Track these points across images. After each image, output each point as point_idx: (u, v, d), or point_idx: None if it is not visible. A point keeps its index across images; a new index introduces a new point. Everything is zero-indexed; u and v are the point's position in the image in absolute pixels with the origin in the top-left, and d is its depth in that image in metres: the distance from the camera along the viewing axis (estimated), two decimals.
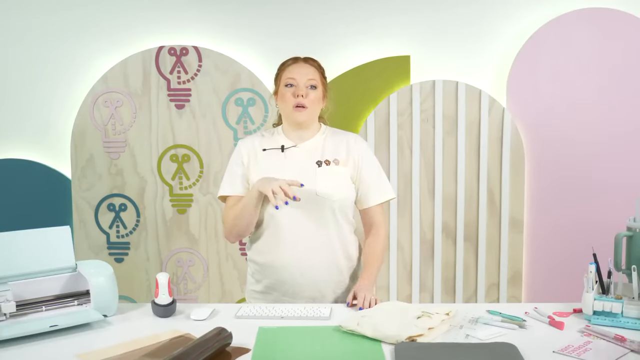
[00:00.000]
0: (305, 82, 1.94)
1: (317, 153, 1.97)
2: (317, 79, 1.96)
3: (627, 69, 2.96)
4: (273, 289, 1.97)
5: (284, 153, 1.98)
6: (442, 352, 1.46)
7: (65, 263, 1.79)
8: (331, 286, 1.96)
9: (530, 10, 3.01)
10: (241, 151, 2.01)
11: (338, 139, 2.02)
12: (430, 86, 3.03)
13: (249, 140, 2.04)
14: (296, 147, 1.98)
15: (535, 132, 3.04)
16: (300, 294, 1.94)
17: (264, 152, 1.99)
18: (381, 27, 3.06)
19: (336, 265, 1.96)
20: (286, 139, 2.00)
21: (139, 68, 3.08)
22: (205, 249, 3.16)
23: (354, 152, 2.00)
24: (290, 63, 1.99)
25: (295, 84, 1.93)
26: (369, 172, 2.00)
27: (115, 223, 3.17)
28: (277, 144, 2.00)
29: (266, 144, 2.01)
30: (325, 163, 1.96)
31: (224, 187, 2.00)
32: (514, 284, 3.10)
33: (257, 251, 1.99)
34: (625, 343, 1.51)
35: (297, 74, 1.94)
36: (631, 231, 1.72)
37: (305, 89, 1.93)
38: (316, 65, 2.00)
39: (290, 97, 1.93)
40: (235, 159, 2.01)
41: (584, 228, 3.02)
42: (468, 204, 3.07)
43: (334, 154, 1.98)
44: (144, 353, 1.50)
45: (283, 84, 1.96)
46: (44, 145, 3.17)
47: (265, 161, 1.98)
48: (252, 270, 2.03)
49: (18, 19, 3.11)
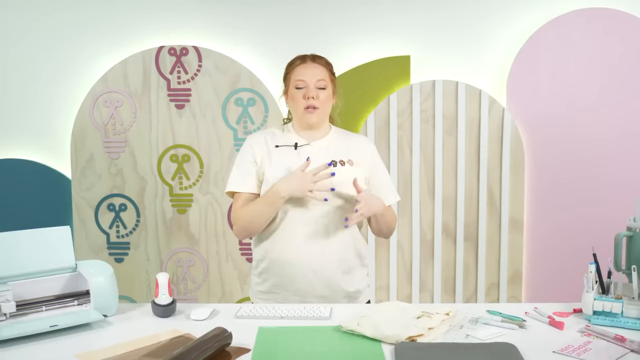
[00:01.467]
0: (314, 83, 1.93)
1: (330, 152, 1.98)
2: (326, 78, 1.96)
3: (627, 68, 2.96)
4: (282, 287, 1.95)
5: (297, 150, 1.97)
6: (442, 352, 1.46)
7: (65, 263, 1.79)
8: (342, 285, 1.96)
9: (530, 10, 3.01)
10: (253, 148, 1.98)
11: (349, 141, 2.03)
12: (430, 86, 3.03)
13: (260, 136, 2.02)
14: (309, 145, 1.98)
15: (535, 132, 3.04)
16: (312, 293, 1.93)
17: (276, 149, 1.98)
18: (381, 27, 3.06)
19: (347, 264, 1.96)
20: (298, 137, 2.00)
21: (139, 68, 3.08)
22: (205, 249, 3.16)
23: (367, 155, 2.01)
24: (298, 63, 1.98)
25: (304, 85, 1.94)
26: (382, 175, 2.03)
27: (115, 223, 3.17)
28: (290, 141, 1.99)
29: (278, 140, 2.00)
30: (340, 163, 1.96)
31: (236, 184, 1.97)
32: (514, 284, 3.10)
33: (267, 249, 1.97)
34: (625, 343, 1.51)
35: (307, 75, 1.94)
36: (631, 231, 1.72)
37: (315, 90, 1.93)
38: (324, 63, 1.99)
39: (300, 99, 1.94)
40: (247, 156, 1.98)
41: (584, 228, 3.03)
42: (468, 204, 3.07)
43: (347, 155, 1.98)
44: (144, 353, 1.50)
45: (293, 85, 1.96)
46: (44, 145, 3.17)
47: (278, 158, 1.96)
48: (260, 270, 2.00)
49: (18, 19, 3.11)
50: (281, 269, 1.94)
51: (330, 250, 1.92)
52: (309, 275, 1.92)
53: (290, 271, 1.93)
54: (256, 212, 1.90)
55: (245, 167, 1.97)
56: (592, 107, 3.00)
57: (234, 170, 1.99)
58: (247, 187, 1.96)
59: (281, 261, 1.94)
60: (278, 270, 1.95)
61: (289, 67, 2.00)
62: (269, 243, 1.96)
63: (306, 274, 1.92)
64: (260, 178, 1.97)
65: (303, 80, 1.94)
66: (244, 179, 1.96)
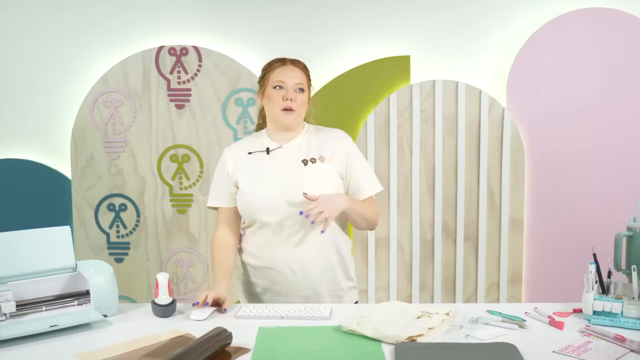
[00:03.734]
0: (293, 85, 1.95)
1: (302, 152, 1.98)
2: (304, 82, 1.98)
3: (627, 68, 2.96)
4: (267, 289, 1.98)
5: (269, 155, 1.99)
6: (442, 352, 1.46)
7: (65, 263, 1.79)
8: (324, 284, 1.96)
9: (530, 10, 3.01)
10: (226, 161, 2.02)
11: (322, 136, 2.02)
12: (430, 86, 3.03)
13: (233, 146, 2.06)
14: (281, 147, 1.99)
15: (535, 132, 3.04)
16: (294, 293, 1.95)
17: (249, 155, 2.00)
18: (381, 27, 3.06)
19: (328, 262, 1.96)
20: (270, 141, 2.01)
21: (139, 68, 3.08)
22: (205, 249, 3.16)
23: (340, 148, 2.00)
24: (278, 65, 1.99)
25: (284, 86, 1.95)
26: (359, 166, 2.01)
27: (115, 223, 3.17)
28: (262, 146, 2.01)
29: (251, 147, 2.02)
30: (311, 161, 1.96)
31: (212, 198, 2.04)
32: (514, 284, 3.10)
33: (249, 254, 2.01)
34: (625, 343, 1.51)
35: (286, 77, 1.95)
36: (631, 231, 1.72)
37: (293, 92, 1.94)
38: (303, 68, 2.01)
39: (278, 100, 1.94)
40: (221, 170, 2.03)
41: (584, 228, 3.02)
42: (468, 204, 3.07)
43: (318, 151, 1.98)
44: (144, 353, 1.50)
45: (271, 85, 1.97)
46: (44, 145, 3.17)
47: (250, 164, 1.99)
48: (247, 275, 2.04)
49: (18, 19, 3.11)
50: (263, 273, 1.97)
51: (307, 250, 1.93)
52: (289, 277, 1.93)
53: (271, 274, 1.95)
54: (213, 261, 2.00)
55: (218, 182, 2.03)
56: (592, 107, 3.00)
57: (212, 186, 2.05)
58: (221, 201, 2.02)
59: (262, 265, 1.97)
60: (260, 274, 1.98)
61: (268, 68, 2.01)
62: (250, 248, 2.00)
63: (286, 275, 1.93)
64: (235, 189, 2.00)
65: (282, 81, 1.95)
66: (218, 194, 2.03)
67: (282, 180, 1.93)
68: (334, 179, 1.96)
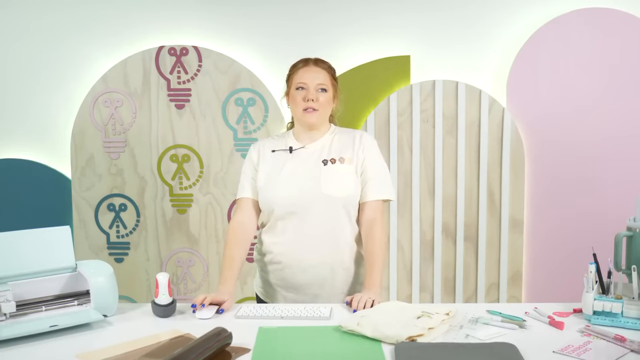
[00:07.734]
0: (315, 86, 1.96)
1: (324, 152, 2.00)
2: (327, 82, 1.99)
3: (627, 68, 2.96)
4: (280, 285, 2.01)
5: (291, 154, 2.01)
6: (442, 352, 1.46)
7: (65, 263, 1.79)
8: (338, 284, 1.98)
9: (530, 10, 3.01)
10: (251, 155, 2.06)
11: (345, 137, 2.04)
12: (430, 86, 3.03)
13: (260, 142, 2.09)
14: (304, 147, 2.01)
15: (535, 132, 3.04)
16: (306, 290, 1.97)
17: (272, 153, 2.03)
18: (381, 27, 3.06)
19: (341, 262, 1.97)
20: (295, 141, 2.04)
21: (139, 68, 3.08)
22: (205, 249, 3.16)
23: (359, 148, 2.01)
24: (301, 66, 2.01)
25: (305, 87, 1.97)
26: (371, 166, 2.01)
27: (115, 223, 3.17)
28: (286, 145, 2.04)
29: (275, 145, 2.05)
30: (331, 161, 1.97)
31: (241, 190, 2.06)
32: (514, 284, 3.10)
33: (263, 251, 2.02)
34: (625, 343, 1.51)
35: (308, 78, 1.97)
36: (631, 231, 1.72)
37: (315, 92, 1.96)
38: (326, 68, 2.02)
39: (300, 101, 1.97)
40: (247, 163, 2.06)
41: (584, 228, 3.02)
42: (468, 204, 3.07)
43: (339, 152, 1.99)
44: (144, 353, 1.50)
45: (294, 87, 1.99)
46: (44, 145, 3.17)
47: (272, 162, 2.01)
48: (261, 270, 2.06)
49: (18, 19, 3.11)
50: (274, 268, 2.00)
51: (320, 249, 1.94)
52: (298, 274, 1.95)
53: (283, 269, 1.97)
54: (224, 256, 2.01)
55: (244, 174, 2.06)
56: (592, 107, 3.00)
57: (240, 179, 2.08)
58: (244, 192, 2.04)
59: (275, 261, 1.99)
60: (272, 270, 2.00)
61: (292, 70, 2.04)
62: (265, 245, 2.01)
63: (295, 272, 1.95)
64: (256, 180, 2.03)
65: (304, 82, 1.97)
66: (242, 185, 2.06)
67: (299, 179, 1.95)
68: (352, 180, 1.97)
